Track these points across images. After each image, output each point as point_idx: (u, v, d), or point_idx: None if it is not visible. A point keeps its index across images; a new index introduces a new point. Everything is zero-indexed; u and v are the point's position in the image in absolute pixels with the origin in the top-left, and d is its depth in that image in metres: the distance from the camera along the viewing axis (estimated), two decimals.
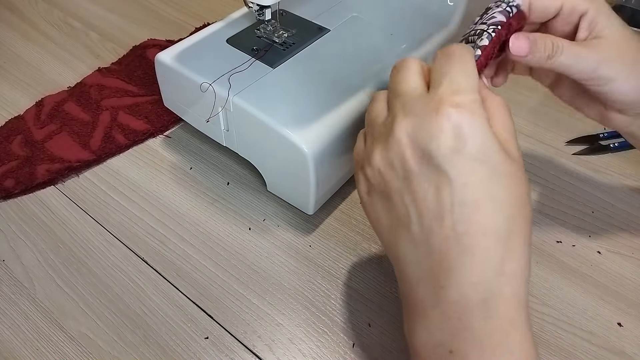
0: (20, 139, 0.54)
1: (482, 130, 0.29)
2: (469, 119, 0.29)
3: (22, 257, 0.46)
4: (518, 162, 0.31)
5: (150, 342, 0.40)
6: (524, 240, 0.30)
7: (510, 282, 0.29)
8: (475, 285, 0.29)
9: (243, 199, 0.50)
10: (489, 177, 0.29)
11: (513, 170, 0.30)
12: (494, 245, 0.29)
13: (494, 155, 0.29)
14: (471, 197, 0.29)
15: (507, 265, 0.29)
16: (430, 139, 0.29)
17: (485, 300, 0.28)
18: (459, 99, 0.29)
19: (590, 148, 0.55)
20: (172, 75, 0.50)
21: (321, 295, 0.43)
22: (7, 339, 0.41)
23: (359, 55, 0.50)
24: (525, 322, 0.29)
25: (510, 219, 0.29)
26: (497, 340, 0.28)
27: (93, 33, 0.70)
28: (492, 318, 0.28)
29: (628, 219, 0.49)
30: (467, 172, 0.29)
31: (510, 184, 0.30)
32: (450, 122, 0.29)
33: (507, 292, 0.29)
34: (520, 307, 0.29)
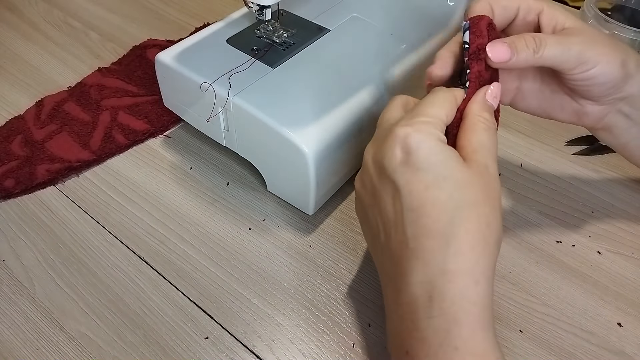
0: (20, 139, 0.54)
1: (426, 143, 0.32)
2: (413, 134, 0.32)
3: (22, 257, 0.46)
4: (478, 169, 0.32)
5: (150, 342, 0.40)
6: (472, 240, 0.31)
7: (453, 280, 0.30)
8: (421, 284, 0.31)
9: (243, 199, 0.50)
10: (434, 183, 0.31)
11: (463, 176, 0.32)
12: (436, 246, 0.31)
13: (439, 164, 0.32)
14: (417, 202, 0.31)
15: (451, 264, 0.30)
16: (383, 155, 0.33)
17: (430, 298, 0.30)
18: (409, 121, 0.33)
19: (590, 148, 0.55)
20: (172, 75, 0.50)
21: (321, 295, 0.43)
22: (7, 339, 0.41)
23: (359, 55, 0.50)
24: (475, 320, 0.30)
25: (454, 221, 0.31)
26: (441, 338, 0.29)
27: (93, 33, 0.70)
28: (436, 317, 0.30)
29: (628, 219, 0.49)
30: (413, 181, 0.32)
31: (456, 189, 0.31)
32: (398, 138, 0.33)
33: (450, 290, 0.30)
34: (467, 306, 0.30)
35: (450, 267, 0.30)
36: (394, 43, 0.52)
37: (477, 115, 0.35)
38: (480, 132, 0.34)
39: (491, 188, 0.32)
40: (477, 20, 0.37)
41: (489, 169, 0.33)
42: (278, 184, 0.49)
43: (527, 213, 0.49)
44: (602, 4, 0.63)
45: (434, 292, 0.30)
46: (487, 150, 0.33)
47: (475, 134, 0.34)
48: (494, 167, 0.33)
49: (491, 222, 0.32)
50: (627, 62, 0.38)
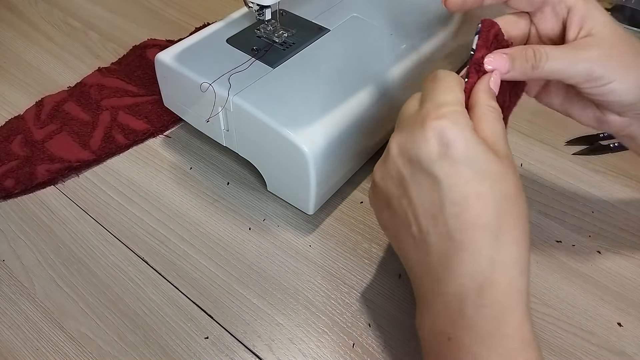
0: (20, 139, 0.54)
1: (464, 136, 0.31)
2: (450, 126, 0.32)
3: (22, 257, 0.46)
4: (506, 161, 0.32)
5: (150, 342, 0.40)
6: (516, 232, 0.31)
7: (502, 271, 0.30)
8: (470, 275, 0.31)
9: (243, 199, 0.50)
10: (475, 177, 0.31)
11: (499, 169, 0.32)
12: (484, 238, 0.31)
13: (478, 157, 0.31)
14: (459, 196, 0.31)
15: (499, 255, 0.30)
16: (418, 148, 0.32)
17: (480, 289, 0.30)
18: (441, 111, 0.32)
19: (590, 148, 0.55)
20: (172, 75, 0.50)
21: (321, 295, 0.43)
22: (7, 339, 0.41)
23: (359, 55, 0.50)
24: (522, 310, 0.30)
25: (499, 213, 0.31)
26: (491, 327, 0.30)
27: (93, 33, 0.70)
28: (485, 306, 0.30)
29: (628, 219, 0.49)
30: (454, 174, 0.31)
31: (496, 182, 0.31)
32: (434, 131, 0.32)
33: (500, 280, 0.30)
34: (515, 295, 0.30)
35: (500, 259, 0.30)
36: (394, 43, 0.52)
37: (486, 104, 0.34)
38: (493, 122, 0.33)
39: (518, 179, 0.33)
40: (488, 27, 0.36)
41: (512, 161, 0.33)
42: (278, 184, 0.49)
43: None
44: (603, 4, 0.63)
45: (484, 282, 0.30)
46: (504, 140, 0.33)
47: (489, 124, 0.33)
48: (510, 156, 0.33)
49: (526, 212, 0.32)
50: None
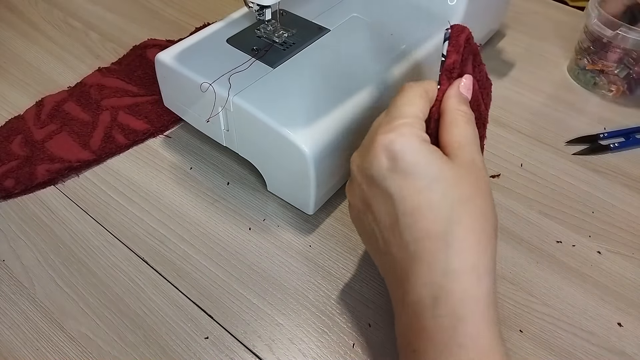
0: (20, 139, 0.54)
1: (410, 147, 0.32)
2: (396, 140, 0.32)
3: (22, 257, 0.46)
4: (464, 164, 0.32)
5: (150, 342, 0.40)
6: (473, 235, 0.31)
7: (456, 280, 0.30)
8: (426, 286, 0.31)
9: (243, 199, 0.50)
10: (426, 185, 0.32)
11: (452, 174, 0.32)
12: (437, 248, 0.31)
13: (427, 165, 0.32)
14: (411, 207, 0.32)
15: (452, 264, 0.30)
16: (370, 165, 0.33)
17: (436, 299, 0.30)
18: (390, 126, 0.33)
19: (590, 148, 0.55)
20: (172, 75, 0.50)
21: (321, 295, 0.43)
22: (7, 339, 0.41)
23: (359, 55, 0.50)
24: (479, 317, 0.30)
25: (451, 220, 0.31)
26: (447, 337, 0.30)
27: (93, 33, 0.70)
28: (441, 317, 0.30)
29: (628, 219, 0.49)
30: (405, 186, 0.32)
31: (449, 187, 0.31)
32: (381, 146, 0.33)
33: (454, 289, 0.30)
34: (471, 303, 0.30)
35: (453, 267, 0.30)
36: (394, 43, 0.52)
37: (456, 109, 0.34)
38: (462, 126, 0.34)
39: (481, 180, 0.33)
40: (458, 32, 0.36)
41: (475, 162, 0.33)
42: (278, 184, 0.49)
43: (527, 213, 0.49)
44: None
45: (439, 292, 0.30)
46: (472, 143, 0.34)
47: (458, 128, 0.34)
48: (480, 159, 0.34)
49: (486, 213, 0.32)
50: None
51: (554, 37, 0.69)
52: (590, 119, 0.58)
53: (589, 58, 0.60)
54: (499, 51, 0.67)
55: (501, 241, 0.47)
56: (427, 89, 0.36)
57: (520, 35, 0.70)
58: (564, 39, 0.62)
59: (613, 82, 0.59)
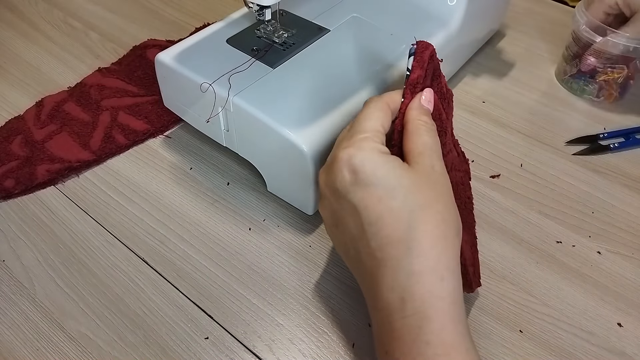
0: (20, 139, 0.54)
1: (369, 159, 0.34)
2: (355, 153, 0.34)
3: (22, 257, 0.46)
4: (423, 171, 0.34)
5: (150, 343, 0.40)
6: (432, 238, 0.33)
7: (420, 280, 0.32)
8: (393, 289, 0.33)
9: (243, 199, 0.50)
10: (385, 194, 0.33)
11: (411, 181, 0.34)
12: (400, 252, 0.32)
13: (386, 175, 0.34)
14: (375, 215, 0.33)
15: (414, 266, 0.32)
16: (334, 180, 0.35)
17: (402, 300, 0.32)
18: (350, 141, 0.35)
19: (590, 148, 0.55)
20: (172, 75, 0.50)
21: (321, 295, 0.43)
22: (7, 339, 0.41)
23: (359, 55, 0.50)
24: (444, 315, 0.31)
25: (411, 225, 0.33)
26: (414, 335, 0.31)
27: (93, 33, 0.70)
28: (408, 316, 0.32)
29: (628, 219, 0.49)
30: (366, 197, 0.33)
31: (408, 194, 0.33)
32: (342, 161, 0.34)
33: (419, 290, 0.32)
34: (435, 302, 0.32)
35: (415, 269, 0.32)
36: (394, 43, 0.52)
37: (417, 119, 0.37)
38: (423, 135, 0.36)
39: (440, 185, 0.35)
40: (423, 48, 0.38)
41: (435, 168, 0.35)
42: (278, 184, 0.49)
43: (527, 213, 0.49)
44: None
45: (404, 294, 0.32)
46: (432, 150, 0.35)
47: (419, 137, 0.36)
48: (440, 165, 0.35)
49: (446, 217, 0.34)
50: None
51: (554, 37, 0.69)
52: (590, 119, 0.58)
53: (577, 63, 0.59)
54: (499, 51, 0.67)
55: (501, 241, 0.47)
56: (389, 101, 0.38)
57: (520, 35, 0.70)
58: (564, 39, 0.62)
59: (605, 88, 0.59)
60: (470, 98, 0.61)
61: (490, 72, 0.64)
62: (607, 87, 0.59)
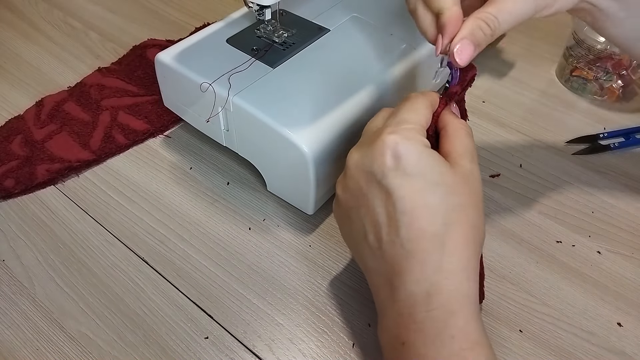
0: (20, 139, 0.54)
1: (416, 149, 0.34)
2: (403, 141, 0.34)
3: (22, 257, 0.46)
4: (464, 174, 0.34)
5: (150, 342, 0.40)
6: (464, 240, 0.33)
7: (449, 277, 0.32)
8: (419, 282, 0.33)
9: (243, 199, 0.50)
10: (425, 188, 0.33)
11: (452, 181, 0.34)
12: (432, 247, 0.33)
13: (430, 169, 0.33)
14: (410, 206, 0.33)
15: (445, 263, 0.32)
16: (372, 162, 0.34)
17: (428, 294, 0.32)
18: (397, 128, 0.35)
19: (590, 148, 0.55)
20: (172, 75, 0.50)
21: (321, 295, 0.43)
22: (7, 339, 0.41)
23: (359, 55, 0.50)
24: (468, 312, 0.32)
25: (447, 223, 0.33)
26: (438, 329, 0.31)
27: (93, 33, 0.70)
28: (433, 310, 0.32)
29: (628, 219, 0.49)
30: (404, 186, 0.33)
31: (447, 193, 0.33)
32: (387, 146, 0.34)
33: (446, 286, 0.32)
34: (461, 299, 0.32)
35: (446, 266, 0.32)
36: (394, 43, 0.52)
37: (456, 121, 0.37)
38: (464, 138, 0.36)
39: (476, 191, 0.35)
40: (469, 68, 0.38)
41: (473, 173, 0.35)
42: (278, 184, 0.49)
43: (527, 213, 0.49)
44: None
45: (431, 288, 0.32)
46: (472, 154, 0.36)
47: (459, 139, 0.36)
48: (477, 170, 0.36)
49: (477, 223, 0.34)
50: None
51: (554, 37, 0.69)
52: (590, 118, 0.58)
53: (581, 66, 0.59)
54: (499, 51, 0.67)
55: (501, 241, 0.47)
56: (432, 101, 0.38)
57: (520, 35, 0.70)
58: (564, 39, 0.62)
59: (607, 87, 0.59)
60: (470, 98, 0.61)
61: (490, 72, 0.64)
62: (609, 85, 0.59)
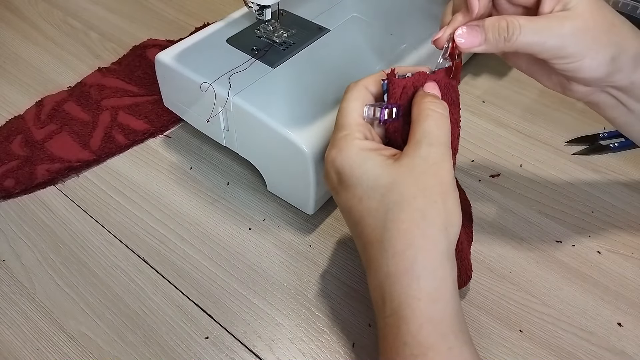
0: (20, 139, 0.54)
1: (347, 160, 0.33)
2: (337, 155, 0.34)
3: (22, 257, 0.46)
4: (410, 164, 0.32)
5: (150, 342, 0.40)
6: (409, 238, 0.31)
7: (395, 281, 0.31)
8: (375, 290, 0.33)
9: (243, 199, 0.50)
10: (364, 195, 0.33)
11: (389, 179, 0.32)
12: (378, 253, 0.32)
13: (363, 176, 0.33)
14: (357, 217, 0.33)
15: (391, 267, 0.32)
16: (327, 182, 0.36)
17: (383, 301, 0.32)
18: (333, 142, 0.35)
19: (590, 148, 0.55)
20: (172, 75, 0.50)
21: (321, 296, 0.43)
22: (7, 339, 0.41)
23: (359, 55, 0.50)
24: (422, 316, 0.31)
25: (386, 227, 0.32)
26: (394, 336, 0.31)
27: (93, 33, 0.70)
28: (388, 317, 0.32)
29: (628, 219, 0.49)
30: (349, 198, 0.34)
31: (386, 193, 0.32)
32: (329, 165, 0.35)
33: (395, 291, 0.31)
34: (413, 302, 0.31)
35: (391, 270, 0.32)
36: (394, 43, 0.52)
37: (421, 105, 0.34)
38: (423, 122, 0.33)
39: (427, 177, 0.32)
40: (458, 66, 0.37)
41: (427, 159, 0.32)
42: (278, 184, 0.49)
43: (527, 213, 0.49)
44: None
45: (384, 294, 0.32)
46: (431, 138, 0.33)
47: (419, 124, 0.33)
48: (436, 153, 0.32)
49: (427, 213, 0.31)
50: (619, 57, 0.34)
51: None
52: (590, 119, 0.58)
53: None
54: None
55: (501, 241, 0.47)
56: (367, 84, 0.36)
57: None
58: None
59: None
60: (470, 98, 0.61)
61: (490, 71, 0.64)
62: None
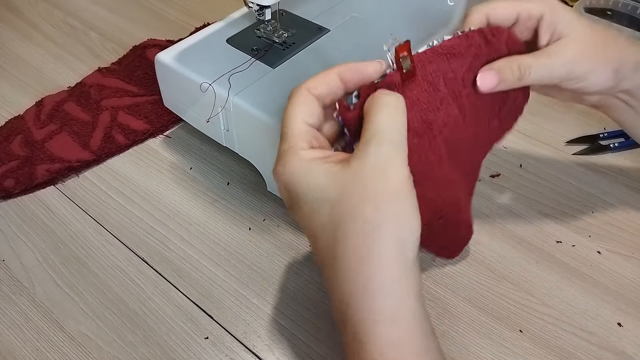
0: (20, 139, 0.54)
1: (293, 176, 0.31)
2: (283, 172, 0.31)
3: (22, 257, 0.46)
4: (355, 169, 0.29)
5: (150, 342, 0.40)
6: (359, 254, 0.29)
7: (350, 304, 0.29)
8: (336, 312, 0.31)
9: (243, 199, 0.50)
10: (313, 209, 0.30)
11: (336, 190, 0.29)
12: (332, 275, 0.30)
13: (310, 190, 0.30)
14: (310, 231, 0.31)
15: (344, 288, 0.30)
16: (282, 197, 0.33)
17: (343, 324, 0.30)
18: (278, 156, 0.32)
19: (590, 148, 0.55)
20: (172, 75, 0.50)
21: (321, 295, 0.43)
22: (7, 339, 0.41)
23: (359, 56, 0.50)
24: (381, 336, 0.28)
25: (337, 242, 0.29)
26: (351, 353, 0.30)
27: (93, 33, 0.70)
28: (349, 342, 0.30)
29: (628, 219, 0.49)
30: (300, 214, 0.32)
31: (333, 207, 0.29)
32: (279, 182, 0.32)
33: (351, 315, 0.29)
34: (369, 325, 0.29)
35: (346, 292, 0.29)
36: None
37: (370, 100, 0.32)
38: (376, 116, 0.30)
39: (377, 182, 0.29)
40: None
41: (377, 161, 0.29)
42: None
43: (527, 213, 0.49)
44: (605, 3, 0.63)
45: (343, 317, 0.30)
46: (380, 135, 0.30)
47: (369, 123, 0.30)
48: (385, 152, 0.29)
49: (378, 222, 0.29)
50: (622, 69, 0.38)
51: None
52: (590, 119, 0.58)
53: None
54: None
55: (501, 241, 0.47)
56: (310, 87, 0.33)
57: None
58: None
59: None
60: None
61: None
62: None
